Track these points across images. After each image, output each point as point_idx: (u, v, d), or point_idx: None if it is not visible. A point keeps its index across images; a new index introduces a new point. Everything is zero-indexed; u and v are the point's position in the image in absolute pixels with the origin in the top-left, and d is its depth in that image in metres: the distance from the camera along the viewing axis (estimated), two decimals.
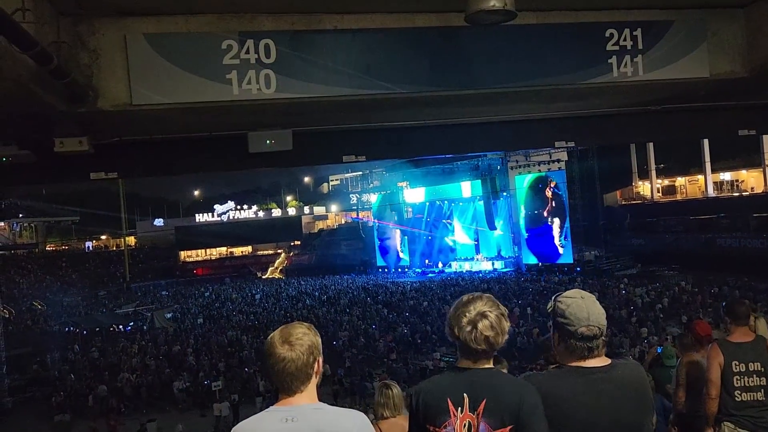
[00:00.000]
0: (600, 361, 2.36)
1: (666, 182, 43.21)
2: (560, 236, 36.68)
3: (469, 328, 2.28)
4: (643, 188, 43.26)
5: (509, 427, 2.20)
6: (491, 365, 2.36)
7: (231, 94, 5.82)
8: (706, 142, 35.92)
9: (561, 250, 36.69)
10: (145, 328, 33.72)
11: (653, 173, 41.80)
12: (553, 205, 36.93)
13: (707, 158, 38.02)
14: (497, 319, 2.29)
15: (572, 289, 2.48)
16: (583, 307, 2.35)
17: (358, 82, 6.18)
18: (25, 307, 43.08)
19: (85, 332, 33.55)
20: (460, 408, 2.25)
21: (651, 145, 38.64)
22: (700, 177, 40.32)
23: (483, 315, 2.29)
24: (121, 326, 35.02)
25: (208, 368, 23.51)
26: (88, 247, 67.43)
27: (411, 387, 2.58)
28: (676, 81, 6.76)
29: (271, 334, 2.20)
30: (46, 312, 41.37)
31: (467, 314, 2.30)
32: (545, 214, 37.41)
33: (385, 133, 7.97)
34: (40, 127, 6.14)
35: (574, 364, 2.36)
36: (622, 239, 37.44)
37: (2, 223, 49.90)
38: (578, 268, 35.33)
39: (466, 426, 2.24)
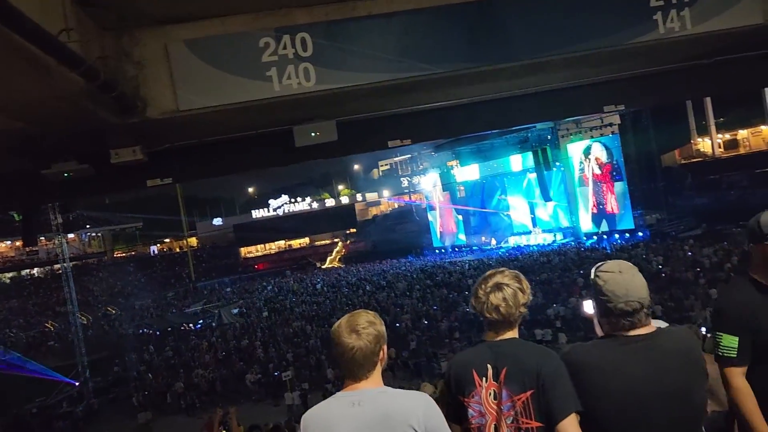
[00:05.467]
0: (644, 329, 2.33)
1: (727, 136, 41.19)
2: (618, 201, 35.66)
3: (483, 299, 2.40)
4: (703, 145, 41.40)
5: (530, 392, 2.28)
6: (515, 335, 2.44)
7: (272, 91, 5.91)
8: (767, 90, 34.09)
9: (620, 216, 35.69)
10: (213, 324, 34.81)
11: (713, 128, 39.92)
12: (609, 170, 35.89)
13: None
14: (512, 293, 2.39)
15: (611, 262, 2.43)
16: (620, 282, 2.31)
17: (396, 66, 6.16)
18: (100, 313, 45.15)
19: (158, 333, 34.93)
20: (484, 378, 2.36)
21: (708, 99, 36.93)
22: (764, 128, 38.32)
23: (498, 287, 2.40)
24: (191, 325, 36.25)
25: (277, 359, 24.13)
26: (153, 251, 69.96)
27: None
28: (728, 31, 6.43)
29: (338, 323, 2.28)
30: (120, 316, 43.26)
31: (484, 286, 2.43)
32: (601, 180, 36.43)
33: (429, 114, 7.92)
34: (95, 141, 6.39)
35: (616, 333, 2.35)
36: (684, 199, 36.05)
37: (72, 235, 52.26)
38: (639, 233, 34.31)
39: (492, 394, 2.34)
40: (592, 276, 2.41)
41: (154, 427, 21.01)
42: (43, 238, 41.71)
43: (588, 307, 3.90)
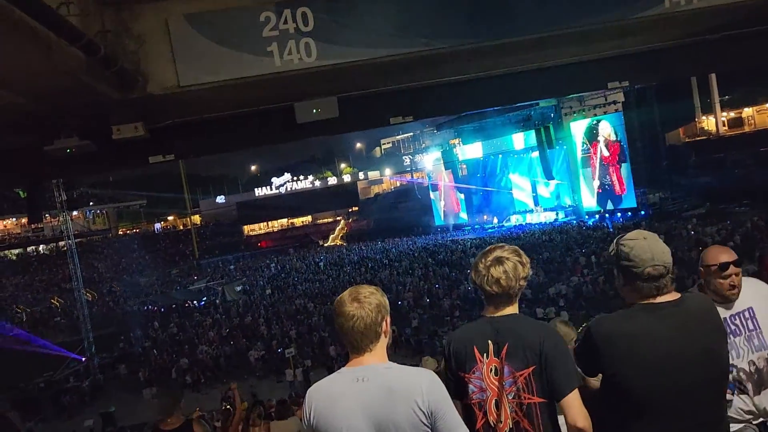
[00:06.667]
0: (670, 296, 2.37)
1: (732, 114, 40.93)
2: (621, 180, 35.55)
3: (483, 272, 2.41)
4: (708, 123, 41.10)
5: (531, 368, 2.30)
6: (515, 311, 2.44)
7: (273, 66, 5.86)
8: None
9: (622, 195, 35.60)
10: (217, 302, 35.05)
11: (717, 106, 39.59)
12: (612, 148, 35.72)
13: None
14: (513, 266, 2.40)
15: (633, 231, 2.47)
16: (646, 247, 2.34)
17: (398, 42, 6.11)
18: (105, 290, 45.44)
19: (162, 310, 35.22)
20: (485, 354, 2.38)
21: (713, 76, 36.57)
22: None
23: (499, 261, 2.41)
24: (194, 302, 36.52)
25: (280, 336, 24.34)
26: (157, 228, 70.16)
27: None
28: (736, 4, 6.34)
29: (341, 295, 2.30)
30: (125, 293, 43.55)
31: (484, 260, 2.44)
32: (604, 159, 36.27)
33: (431, 90, 7.84)
34: (97, 117, 6.37)
35: (643, 302, 2.37)
36: (688, 178, 35.86)
37: (76, 212, 52.43)
38: (642, 212, 34.25)
39: (493, 370, 2.36)
40: (615, 247, 2.43)
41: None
42: (48, 215, 41.78)
43: None
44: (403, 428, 2.10)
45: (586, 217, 37.31)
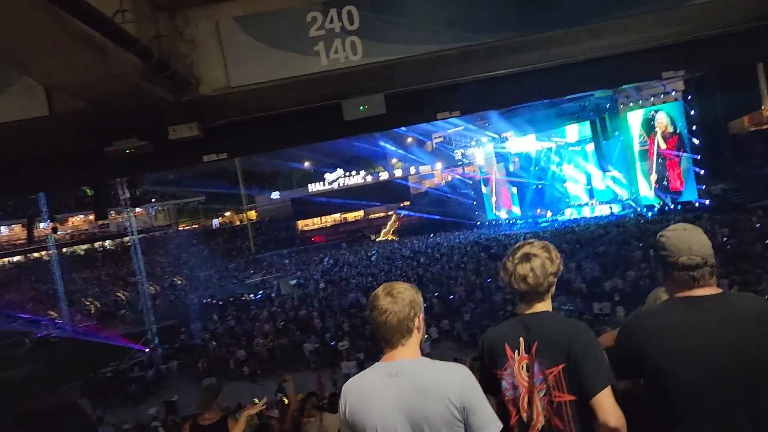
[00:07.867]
0: (710, 290, 2.30)
1: None
2: (680, 172, 34.28)
3: (511, 270, 2.43)
4: None
5: (561, 366, 2.28)
6: (547, 308, 2.44)
7: (320, 65, 5.98)
8: None
9: (683, 186, 34.33)
10: (272, 295, 35.75)
11: None
12: (670, 140, 34.47)
13: None
14: (540, 263, 2.40)
15: (676, 224, 2.44)
16: (684, 238, 2.31)
17: (443, 37, 6.11)
18: (167, 284, 47.03)
19: (220, 303, 36.16)
20: (516, 351, 2.38)
21: None
22: None
23: (527, 258, 2.41)
24: (251, 295, 37.36)
25: (334, 329, 24.64)
26: (215, 224, 72.04)
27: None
28: None
29: (376, 290, 2.37)
30: (185, 286, 44.97)
31: (512, 258, 2.46)
32: (661, 151, 35.05)
33: (478, 84, 7.79)
34: (154, 119, 6.64)
35: (682, 294, 2.32)
36: (753, 169, 34.24)
37: (139, 209, 54.44)
38: (704, 204, 32.97)
39: (524, 367, 2.36)
40: (657, 240, 2.41)
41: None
42: (113, 212, 43.55)
43: None
44: (436, 424, 2.12)
45: (645, 209, 36.19)
